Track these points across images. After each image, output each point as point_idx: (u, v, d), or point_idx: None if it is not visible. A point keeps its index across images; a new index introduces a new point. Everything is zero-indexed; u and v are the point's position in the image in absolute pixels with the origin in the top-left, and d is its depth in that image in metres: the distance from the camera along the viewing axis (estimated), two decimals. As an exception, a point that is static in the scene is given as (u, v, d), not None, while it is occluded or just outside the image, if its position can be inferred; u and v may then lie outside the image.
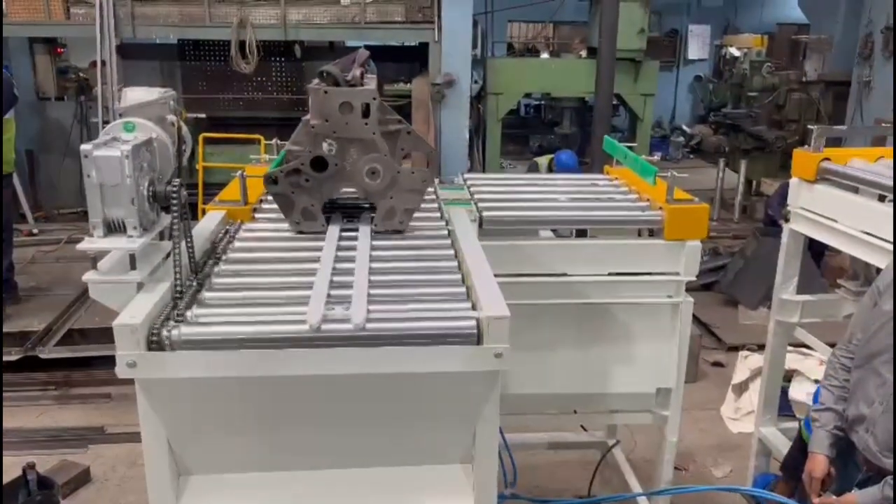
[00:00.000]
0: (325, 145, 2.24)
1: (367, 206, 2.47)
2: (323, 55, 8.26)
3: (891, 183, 2.74)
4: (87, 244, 1.87)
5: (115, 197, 1.84)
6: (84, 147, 1.81)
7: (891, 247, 2.66)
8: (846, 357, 2.66)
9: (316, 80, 2.27)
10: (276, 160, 2.59)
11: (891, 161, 3.06)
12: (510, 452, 2.73)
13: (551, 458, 4.43)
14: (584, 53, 9.70)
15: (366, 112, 2.22)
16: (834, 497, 2.60)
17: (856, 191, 2.99)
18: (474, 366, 1.74)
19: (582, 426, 3.85)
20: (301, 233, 2.35)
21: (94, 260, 1.91)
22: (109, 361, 1.68)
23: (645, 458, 4.20)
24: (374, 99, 2.23)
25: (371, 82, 2.38)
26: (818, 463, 2.64)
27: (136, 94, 2.13)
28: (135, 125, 1.99)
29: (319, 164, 2.26)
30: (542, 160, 8.58)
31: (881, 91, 8.74)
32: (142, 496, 1.84)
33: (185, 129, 2.25)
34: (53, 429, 4.80)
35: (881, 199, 2.85)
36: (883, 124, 8.07)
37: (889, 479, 2.42)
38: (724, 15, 16.23)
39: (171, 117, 2.18)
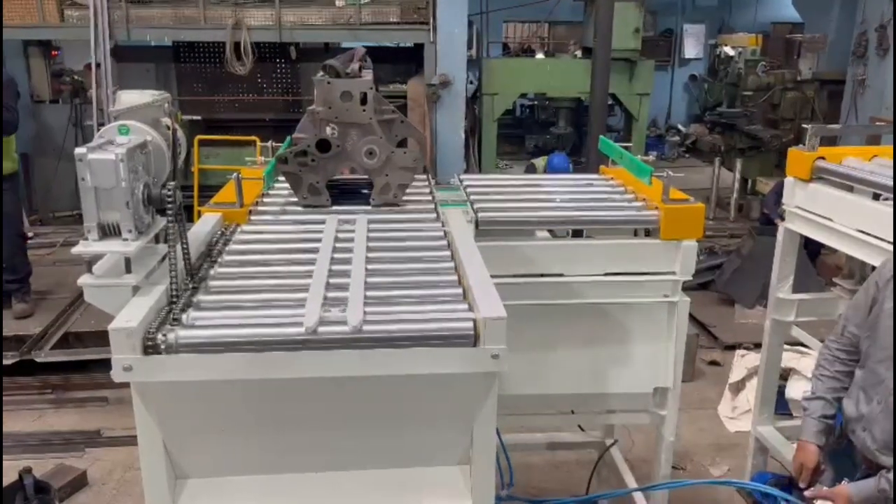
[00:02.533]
0: (328, 129, 2.57)
1: (364, 189, 2.74)
2: (318, 57, 8.24)
3: (885, 181, 2.74)
4: (82, 248, 1.86)
5: (110, 200, 1.83)
6: (78, 150, 1.80)
7: (884, 244, 2.67)
8: (840, 350, 2.65)
9: (320, 73, 2.60)
10: (283, 146, 2.87)
11: (885, 160, 3.07)
12: (507, 454, 2.72)
13: (549, 458, 4.44)
14: (579, 53, 9.71)
15: (363, 100, 2.56)
16: (825, 488, 2.60)
17: (850, 189, 2.99)
18: (471, 367, 1.74)
19: (579, 426, 3.84)
20: (308, 206, 2.65)
21: (88, 263, 1.91)
22: (106, 365, 1.67)
23: (643, 458, 4.21)
24: (371, 88, 2.57)
25: (368, 75, 2.66)
26: (809, 452, 2.64)
27: (129, 97, 2.13)
28: (129, 128, 1.98)
29: (323, 145, 2.60)
30: (540, 161, 8.58)
31: (875, 89, 8.76)
32: (139, 500, 1.84)
33: (179, 131, 2.24)
34: (50, 433, 4.79)
35: (876, 197, 2.86)
36: (877, 122, 8.10)
37: (884, 472, 2.43)
38: (718, 14, 16.26)
39: (166, 120, 2.17)
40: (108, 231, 1.87)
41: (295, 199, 2.69)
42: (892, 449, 2.42)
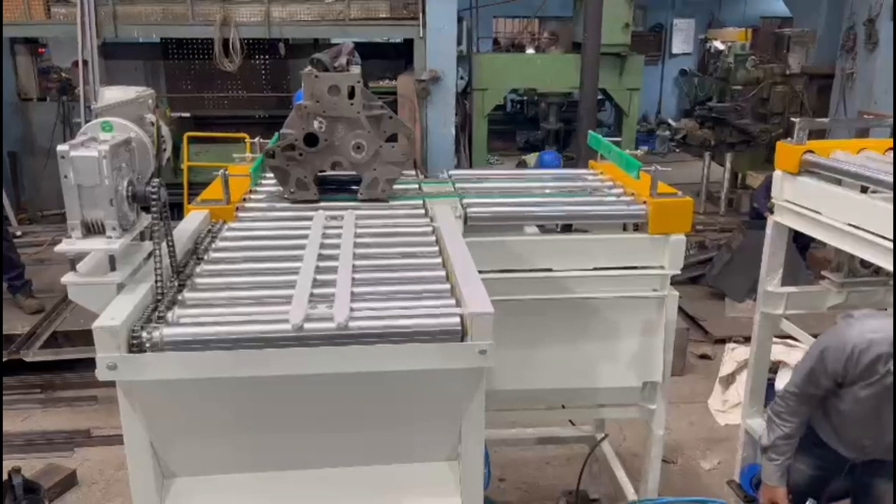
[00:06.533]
0: (315, 123, 2.57)
1: (352, 185, 2.74)
2: (307, 53, 8.16)
3: (873, 175, 2.74)
4: (66, 246, 1.85)
5: (93, 198, 1.82)
6: (60, 148, 1.78)
7: (873, 237, 2.67)
8: (802, 404, 2.76)
9: (308, 67, 2.59)
10: (271, 142, 2.83)
11: (873, 153, 3.07)
12: (487, 455, 2.70)
13: (540, 453, 4.44)
14: (554, 49, 9.71)
15: (351, 94, 2.56)
16: None
17: (839, 183, 3.00)
18: (458, 363, 1.74)
19: (570, 421, 3.85)
20: (295, 202, 2.64)
21: (72, 262, 1.89)
22: (94, 364, 1.66)
23: (633, 452, 4.22)
24: (359, 82, 2.56)
25: (356, 69, 2.65)
26: (779, 495, 2.80)
27: (113, 94, 2.11)
28: (112, 125, 1.96)
29: (311, 139, 2.59)
30: (531, 158, 8.58)
31: (864, 83, 8.79)
32: (129, 499, 1.83)
33: (164, 128, 2.23)
34: (39, 432, 4.77)
35: (864, 190, 2.86)
36: (866, 116, 8.13)
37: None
38: (708, 9, 16.30)
39: (150, 116, 2.15)
40: (92, 229, 1.86)
41: (283, 196, 2.68)
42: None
